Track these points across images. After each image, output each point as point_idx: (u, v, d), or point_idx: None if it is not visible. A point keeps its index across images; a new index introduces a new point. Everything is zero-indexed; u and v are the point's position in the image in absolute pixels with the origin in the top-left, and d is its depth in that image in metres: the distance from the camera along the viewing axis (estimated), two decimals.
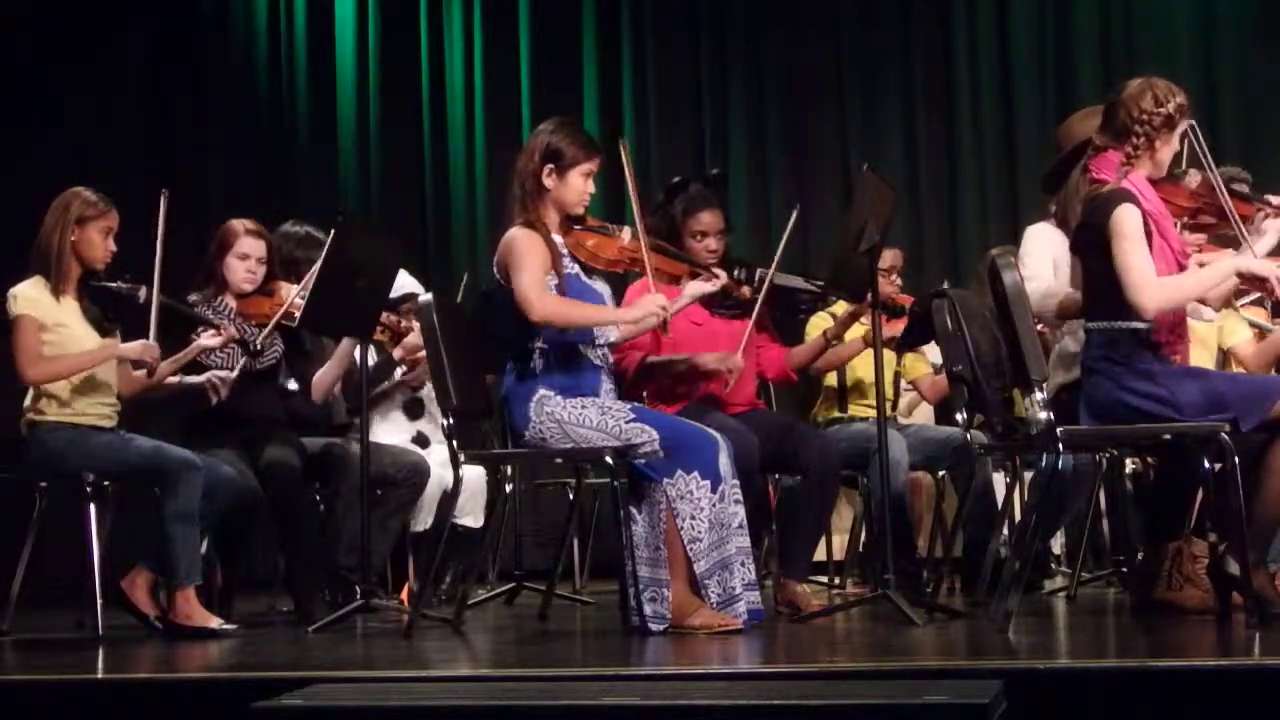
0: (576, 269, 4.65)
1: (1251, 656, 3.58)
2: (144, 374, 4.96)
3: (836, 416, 6.04)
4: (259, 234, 5.37)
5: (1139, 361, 4.21)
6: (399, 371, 5.97)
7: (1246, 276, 4.28)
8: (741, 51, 8.83)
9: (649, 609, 4.37)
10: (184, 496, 4.73)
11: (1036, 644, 4.06)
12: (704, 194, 5.27)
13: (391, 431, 5.99)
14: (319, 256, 5.08)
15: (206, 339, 5.11)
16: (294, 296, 5.20)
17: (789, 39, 8.77)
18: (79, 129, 8.52)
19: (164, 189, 5.03)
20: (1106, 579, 6.05)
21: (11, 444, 4.96)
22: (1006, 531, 5.55)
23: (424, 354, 5.25)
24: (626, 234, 4.72)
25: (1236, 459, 4.02)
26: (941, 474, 6.28)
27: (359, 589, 4.99)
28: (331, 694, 3.08)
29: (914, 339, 5.65)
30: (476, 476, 5.79)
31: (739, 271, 5.21)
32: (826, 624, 4.69)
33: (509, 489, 5.83)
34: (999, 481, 6.04)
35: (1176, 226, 4.53)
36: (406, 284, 5.76)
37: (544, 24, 8.97)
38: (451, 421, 4.66)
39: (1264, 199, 4.61)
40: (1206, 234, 5.02)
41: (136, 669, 4.11)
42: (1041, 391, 4.27)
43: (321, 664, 3.92)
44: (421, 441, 6.02)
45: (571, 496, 5.89)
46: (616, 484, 4.44)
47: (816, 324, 5.91)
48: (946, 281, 6.43)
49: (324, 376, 5.61)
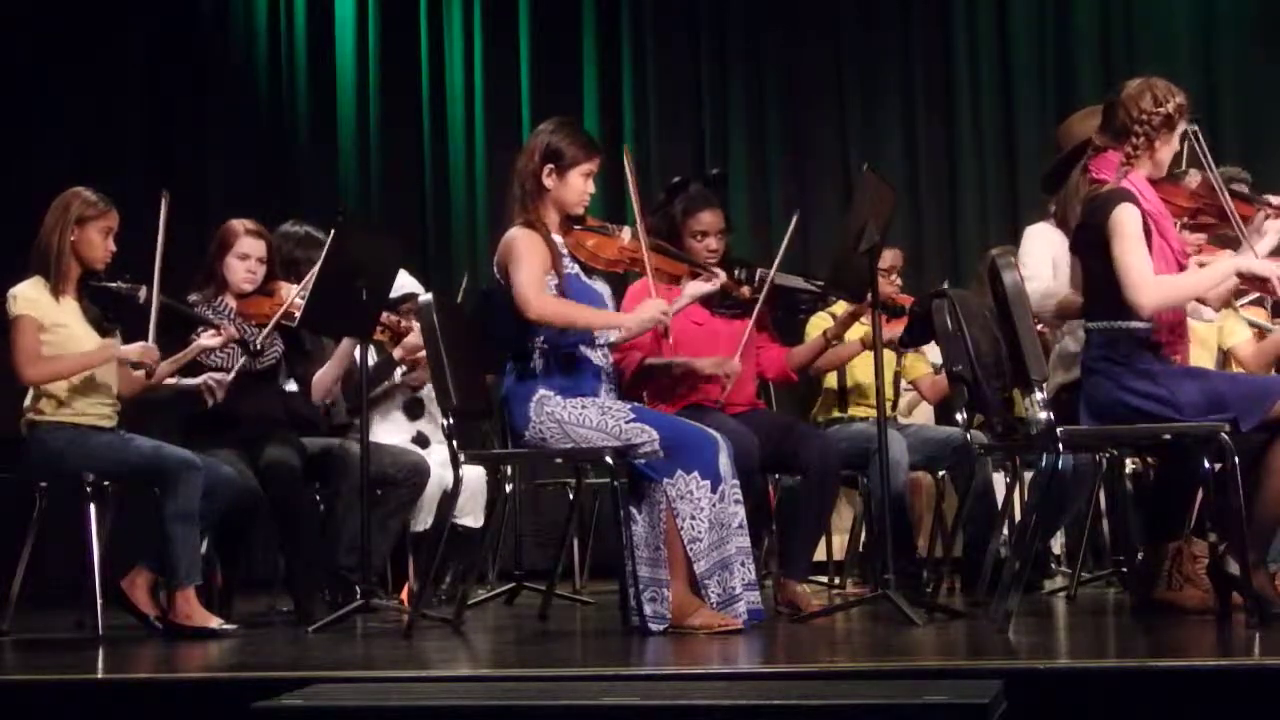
0: (576, 269, 4.65)
1: (1251, 656, 3.58)
2: (143, 374, 4.96)
3: (836, 416, 6.03)
4: (259, 234, 5.36)
5: (1139, 361, 4.21)
6: (399, 371, 5.97)
7: (1246, 276, 4.28)
8: (741, 51, 8.83)
9: (649, 609, 4.37)
10: (184, 496, 4.73)
11: (1036, 644, 4.06)
12: (704, 194, 5.27)
13: (391, 431, 5.99)
14: (319, 256, 5.08)
15: (206, 339, 5.11)
16: (294, 296, 5.20)
17: (789, 39, 8.77)
18: (79, 129, 8.52)
19: (164, 189, 5.04)
20: (1106, 579, 6.05)
21: (11, 444, 4.96)
22: (1006, 531, 5.54)
23: (424, 354, 5.25)
24: (626, 234, 4.72)
25: (1236, 459, 4.02)
26: (941, 474, 6.28)
27: (359, 589, 4.99)
28: (331, 694, 3.08)
29: (914, 339, 5.65)
30: (476, 476, 5.79)
31: (739, 271, 5.21)
32: (826, 624, 4.69)
33: (509, 489, 5.83)
34: (999, 481, 6.03)
35: (1176, 226, 4.53)
36: (406, 284, 5.76)
37: (544, 24, 8.97)
38: (451, 421, 4.66)
39: (1264, 199, 4.61)
40: (1206, 234, 5.02)
41: (136, 669, 4.11)
42: (1041, 391, 4.27)
43: (321, 664, 3.92)
44: (421, 441, 6.02)
45: (571, 496, 5.89)
46: (616, 484, 4.43)
47: (816, 324, 5.91)
48: (946, 281, 6.44)
49: (324, 376, 5.61)
